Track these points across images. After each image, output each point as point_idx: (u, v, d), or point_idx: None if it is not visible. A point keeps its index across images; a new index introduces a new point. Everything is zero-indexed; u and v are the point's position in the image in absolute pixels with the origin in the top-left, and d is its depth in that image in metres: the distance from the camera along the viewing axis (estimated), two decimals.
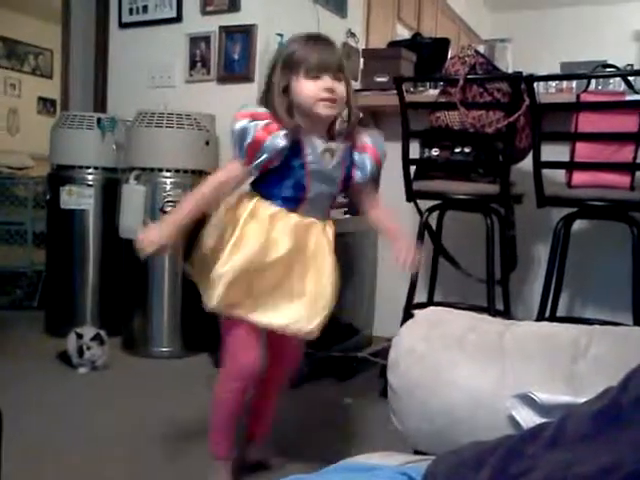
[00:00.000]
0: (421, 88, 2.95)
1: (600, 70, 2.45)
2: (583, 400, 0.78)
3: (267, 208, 1.55)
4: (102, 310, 3.13)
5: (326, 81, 1.49)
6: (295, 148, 1.51)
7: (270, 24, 3.15)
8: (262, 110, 1.52)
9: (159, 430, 2.08)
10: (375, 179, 1.69)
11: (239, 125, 1.49)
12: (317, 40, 1.56)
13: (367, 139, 1.63)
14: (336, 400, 1.98)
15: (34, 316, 3.34)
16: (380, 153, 1.64)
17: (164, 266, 2.87)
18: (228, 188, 1.58)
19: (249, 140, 1.48)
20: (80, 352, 2.57)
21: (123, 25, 3.50)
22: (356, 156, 1.61)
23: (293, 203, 1.56)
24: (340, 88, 1.51)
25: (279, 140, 1.47)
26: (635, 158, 2.09)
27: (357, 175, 1.61)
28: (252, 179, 1.60)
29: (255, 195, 1.58)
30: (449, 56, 2.92)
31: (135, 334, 2.95)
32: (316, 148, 1.54)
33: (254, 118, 1.49)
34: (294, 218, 1.56)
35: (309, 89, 1.49)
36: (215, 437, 1.71)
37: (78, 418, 2.16)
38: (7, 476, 1.58)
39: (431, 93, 2.77)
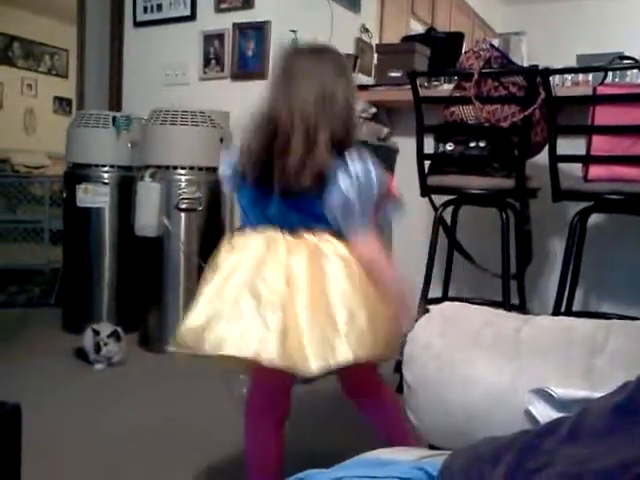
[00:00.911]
0: (435, 83, 2.93)
1: (617, 62, 2.42)
2: (600, 395, 0.78)
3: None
4: (118, 307, 3.16)
5: None
6: None
7: (284, 21, 3.15)
8: None
9: (174, 427, 2.09)
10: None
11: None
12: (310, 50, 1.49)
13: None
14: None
15: (51, 313, 3.38)
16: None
17: (179, 263, 2.89)
18: None
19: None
20: (97, 348, 2.60)
21: (138, 24, 3.52)
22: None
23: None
24: None
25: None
26: None
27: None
28: None
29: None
30: (463, 50, 2.90)
31: (151, 330, 2.97)
32: None
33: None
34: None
35: None
36: None
37: (94, 414, 2.18)
38: (24, 470, 1.59)
39: (445, 88, 2.76)
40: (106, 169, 3.14)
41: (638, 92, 2.15)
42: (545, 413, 0.87)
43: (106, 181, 3.13)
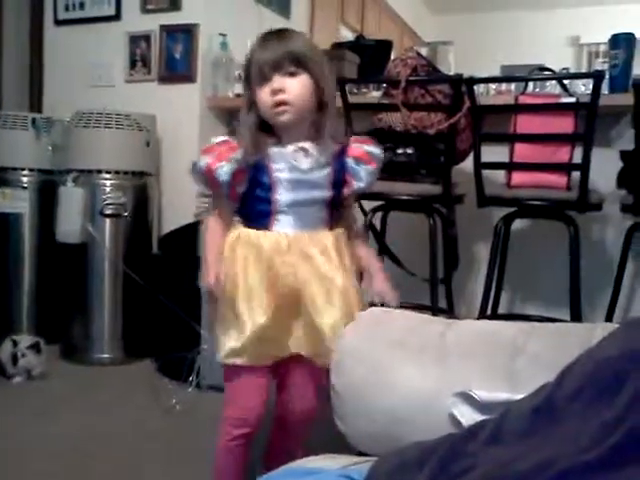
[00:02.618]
0: (364, 90, 2.96)
1: (537, 73, 2.51)
2: (521, 396, 0.79)
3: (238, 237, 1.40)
4: (39, 317, 3.01)
5: (273, 82, 1.31)
6: (261, 164, 1.36)
7: (212, 24, 3.11)
8: (220, 139, 1.41)
9: (98, 443, 2.01)
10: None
11: (195, 164, 1.40)
12: (268, 36, 1.37)
13: (367, 147, 1.43)
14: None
15: None
16: (379, 166, 1.44)
17: (104, 270, 2.79)
18: (225, 224, 1.43)
19: (203, 178, 1.39)
20: (14, 360, 2.47)
21: (59, 22, 3.38)
22: (350, 162, 1.41)
23: (265, 218, 1.37)
24: (292, 85, 1.31)
25: (222, 172, 1.35)
26: (571, 159, 2.15)
27: (353, 183, 1.41)
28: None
29: (238, 225, 1.42)
30: (391, 58, 2.94)
31: (74, 341, 2.86)
32: (285, 154, 1.36)
33: (205, 153, 1.39)
34: (263, 239, 1.36)
35: (262, 98, 1.33)
36: None
37: (10, 430, 2.07)
38: None
39: (374, 95, 2.79)
40: (25, 173, 3.00)
41: (556, 102, 2.23)
42: (469, 416, 0.88)
43: (25, 185, 2.99)
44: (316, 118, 1.37)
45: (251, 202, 1.39)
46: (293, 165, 1.36)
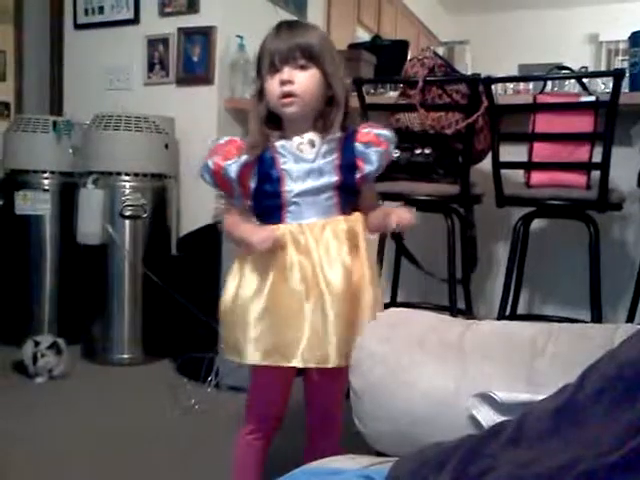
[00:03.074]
0: (381, 90, 2.96)
1: (555, 72, 2.49)
2: (541, 398, 0.79)
3: None
4: (60, 318, 3.05)
5: (282, 73, 1.31)
6: (267, 158, 1.36)
7: (230, 26, 3.13)
8: (225, 139, 1.42)
9: (118, 442, 2.03)
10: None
11: (204, 167, 1.40)
12: (283, 27, 1.37)
13: (376, 130, 1.42)
14: (301, 401, 1.98)
15: None
16: (390, 147, 1.43)
17: (124, 271, 2.81)
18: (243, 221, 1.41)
19: (213, 179, 1.39)
20: (34, 359, 2.51)
21: (78, 26, 3.42)
22: (359, 147, 1.39)
23: (276, 212, 1.37)
24: (301, 78, 1.31)
25: (230, 170, 1.36)
26: (591, 158, 2.13)
27: (363, 167, 1.39)
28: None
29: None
30: (408, 58, 2.94)
31: (95, 342, 2.89)
32: (291, 146, 1.36)
33: (211, 154, 1.39)
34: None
35: (271, 87, 1.34)
36: None
37: (34, 429, 2.10)
38: None
39: (391, 95, 2.79)
40: (46, 175, 3.04)
41: (575, 101, 2.22)
42: (489, 417, 0.88)
43: (46, 188, 3.03)
44: (324, 112, 1.37)
45: (262, 198, 1.38)
46: (298, 156, 1.36)
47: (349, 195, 1.40)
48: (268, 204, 1.37)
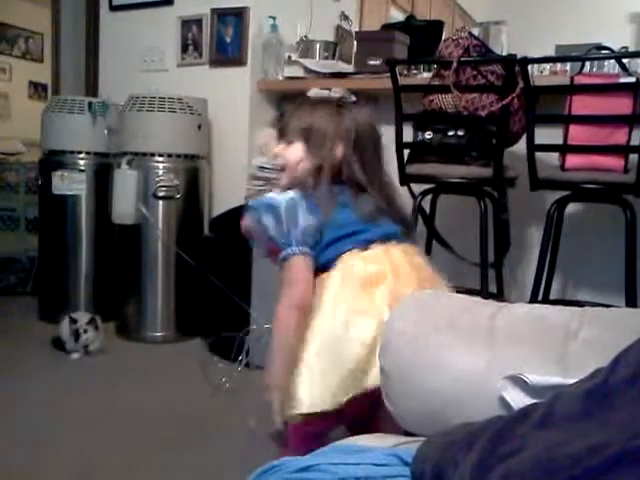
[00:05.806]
0: (414, 71, 2.93)
1: (594, 52, 2.43)
2: (573, 381, 0.79)
3: None
4: (95, 296, 3.12)
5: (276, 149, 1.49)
6: None
7: (262, 6, 3.12)
8: None
9: (153, 415, 2.08)
10: None
11: None
12: (292, 106, 1.53)
13: None
14: None
15: (27, 302, 3.33)
16: None
17: (157, 251, 2.86)
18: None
19: None
20: (76, 336, 2.58)
21: (114, 8, 3.46)
22: None
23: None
24: (287, 153, 1.46)
25: None
26: (629, 141, 2.08)
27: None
28: None
29: None
30: (443, 39, 2.90)
31: (129, 319, 2.95)
32: None
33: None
34: None
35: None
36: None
37: (72, 403, 2.17)
38: (1, 460, 1.58)
39: (425, 76, 2.76)
40: (82, 156, 3.09)
41: (614, 82, 2.16)
42: (519, 399, 0.87)
43: (82, 168, 3.09)
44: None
45: None
46: None
47: None
48: None
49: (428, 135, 2.38)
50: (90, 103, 3.09)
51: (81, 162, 3.09)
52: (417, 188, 2.46)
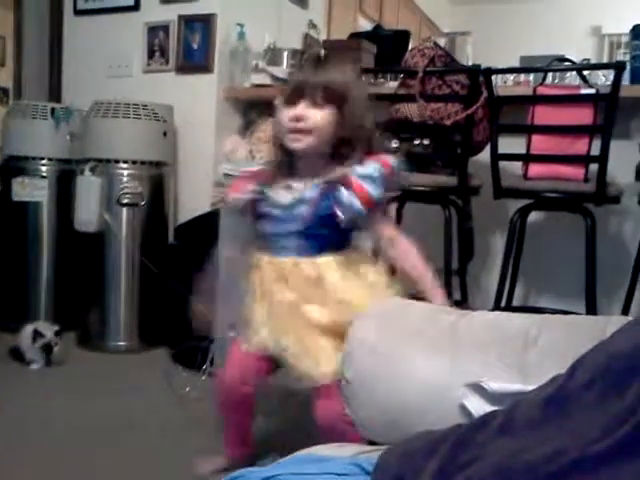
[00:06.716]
0: (381, 80, 2.95)
1: (556, 64, 2.48)
2: (532, 388, 0.79)
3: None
4: (56, 305, 3.05)
5: (296, 109, 1.33)
6: (261, 197, 1.49)
7: (230, 13, 3.11)
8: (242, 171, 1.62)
9: (113, 428, 2.04)
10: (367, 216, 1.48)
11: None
12: (312, 62, 1.52)
13: (357, 172, 1.40)
14: (291, 392, 1.99)
15: None
16: (369, 191, 1.41)
17: (121, 259, 2.81)
18: None
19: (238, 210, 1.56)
20: (49, 350, 2.52)
21: (78, 12, 3.40)
22: (344, 193, 1.39)
23: (264, 244, 1.52)
24: (314, 116, 1.34)
25: (239, 203, 1.54)
26: (589, 151, 2.13)
27: (339, 214, 1.41)
28: None
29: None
30: (409, 48, 2.92)
31: (91, 328, 2.89)
32: (276, 188, 1.46)
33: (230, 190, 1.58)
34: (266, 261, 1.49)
35: (280, 119, 1.37)
36: None
37: (32, 414, 2.11)
38: None
39: (391, 85, 2.77)
40: (44, 162, 3.03)
41: (575, 93, 2.21)
42: (479, 407, 0.88)
43: (44, 174, 3.02)
44: (337, 153, 1.40)
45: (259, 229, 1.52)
46: (275, 201, 1.45)
47: (321, 239, 1.45)
48: (260, 236, 1.52)
49: (395, 144, 2.39)
50: (53, 109, 3.04)
51: (43, 168, 3.02)
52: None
